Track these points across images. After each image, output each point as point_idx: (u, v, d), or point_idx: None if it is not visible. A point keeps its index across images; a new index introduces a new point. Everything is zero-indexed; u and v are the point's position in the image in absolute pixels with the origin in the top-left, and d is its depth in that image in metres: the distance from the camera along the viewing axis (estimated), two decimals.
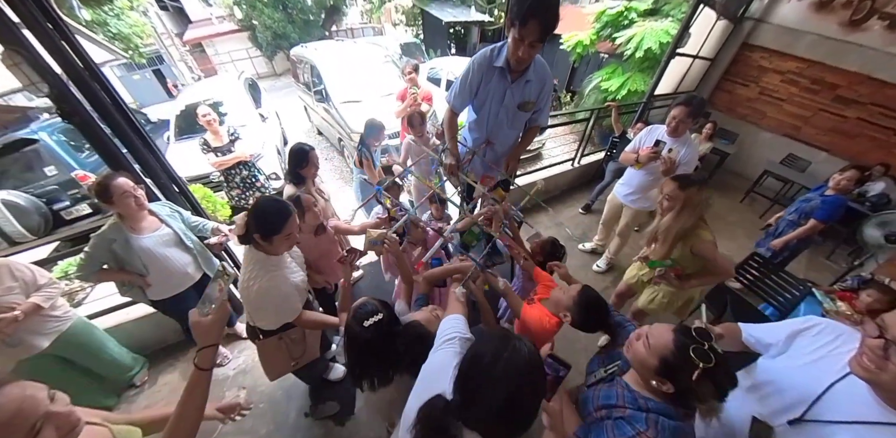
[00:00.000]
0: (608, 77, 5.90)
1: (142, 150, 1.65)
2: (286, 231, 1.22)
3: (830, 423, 0.80)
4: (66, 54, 1.32)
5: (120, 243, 1.55)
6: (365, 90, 4.95)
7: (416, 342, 0.98)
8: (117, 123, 1.53)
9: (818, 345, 0.90)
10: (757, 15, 4.76)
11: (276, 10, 11.88)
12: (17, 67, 1.21)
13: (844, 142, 4.49)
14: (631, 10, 5.44)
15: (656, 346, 0.84)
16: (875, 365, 0.72)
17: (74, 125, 1.44)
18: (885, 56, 3.93)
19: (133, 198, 1.52)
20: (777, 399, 0.91)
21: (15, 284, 1.49)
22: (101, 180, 1.47)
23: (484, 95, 1.70)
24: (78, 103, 1.40)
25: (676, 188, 1.53)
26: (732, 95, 5.39)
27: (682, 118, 2.08)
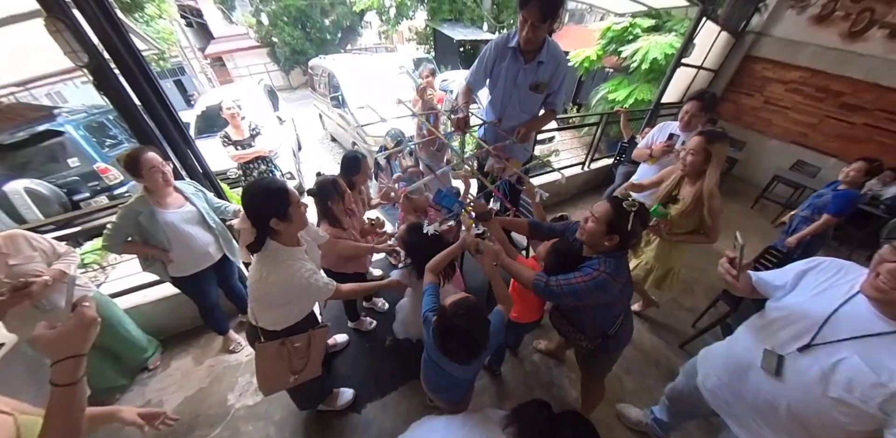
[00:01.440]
0: (615, 88, 6.05)
1: (170, 127, 1.71)
2: (294, 199, 1.14)
3: (836, 342, 0.87)
4: (106, 28, 1.40)
5: (146, 216, 1.59)
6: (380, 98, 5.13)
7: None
8: (148, 99, 1.60)
9: (822, 279, 0.98)
10: (758, 29, 4.92)
11: (296, 29, 12.55)
12: (59, 33, 1.28)
13: (853, 147, 4.50)
14: (635, 25, 5.65)
15: (601, 215, 1.16)
16: (890, 286, 0.79)
17: (109, 99, 1.51)
18: (888, 63, 4.02)
19: (161, 173, 1.57)
20: (786, 331, 0.97)
21: (35, 253, 1.53)
22: (132, 152, 1.53)
23: (498, 73, 1.78)
24: (114, 77, 1.48)
25: (703, 142, 1.56)
26: (738, 105, 5.48)
27: (695, 112, 2.16)
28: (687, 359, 2.21)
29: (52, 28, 1.26)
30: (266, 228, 1.13)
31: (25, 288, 1.42)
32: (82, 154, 3.95)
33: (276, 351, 1.32)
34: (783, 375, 0.94)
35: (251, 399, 1.90)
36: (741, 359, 1.07)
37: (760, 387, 1.00)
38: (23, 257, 1.48)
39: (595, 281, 1.12)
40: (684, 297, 2.83)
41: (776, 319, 1.02)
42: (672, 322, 2.56)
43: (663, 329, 2.50)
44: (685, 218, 1.71)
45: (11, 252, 1.46)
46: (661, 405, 1.64)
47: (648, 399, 2.00)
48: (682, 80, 4.89)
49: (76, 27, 1.31)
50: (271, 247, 1.19)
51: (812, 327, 0.91)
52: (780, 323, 1.00)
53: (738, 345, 1.12)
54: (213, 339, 2.24)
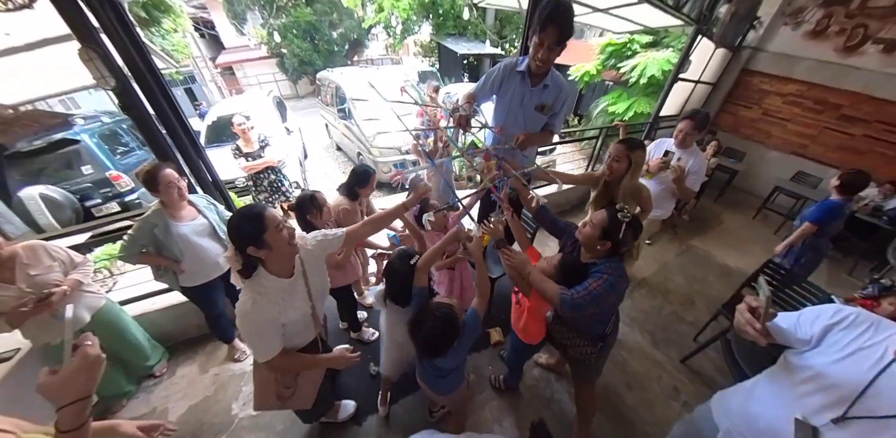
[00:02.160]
0: (614, 101, 6.17)
1: (187, 145, 1.80)
2: (270, 224, 1.05)
3: (879, 419, 0.77)
4: (133, 56, 1.52)
5: (161, 229, 1.66)
6: (385, 111, 5.27)
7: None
8: (168, 120, 1.70)
9: (851, 337, 0.87)
10: (754, 44, 5.02)
11: (305, 41, 12.95)
12: (91, 62, 1.39)
13: (854, 158, 4.53)
14: (634, 42, 5.79)
15: (597, 222, 1.28)
16: None
17: (132, 118, 1.61)
18: (884, 76, 4.08)
19: (176, 188, 1.65)
20: (816, 397, 0.87)
21: (54, 263, 1.59)
22: (150, 169, 1.61)
23: (505, 93, 1.87)
24: (137, 99, 1.57)
25: (625, 149, 1.75)
26: (736, 117, 5.55)
27: (688, 131, 2.26)
28: (687, 374, 2.24)
29: (85, 57, 1.36)
30: (247, 255, 1.08)
31: (47, 299, 1.48)
32: (96, 162, 4.09)
33: (266, 375, 1.30)
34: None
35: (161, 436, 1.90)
36: (769, 425, 0.95)
37: None
38: (43, 267, 1.55)
39: (608, 283, 1.22)
40: (685, 310, 2.84)
41: (802, 380, 0.91)
42: (673, 337, 2.56)
43: (664, 344, 2.49)
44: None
45: (33, 263, 1.52)
46: None
47: (649, 415, 2.01)
48: (681, 93, 4.98)
49: (106, 55, 1.41)
50: (260, 273, 1.13)
51: (846, 396, 0.82)
52: (807, 387, 0.90)
53: (763, 404, 1.00)
54: (219, 347, 2.28)
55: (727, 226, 4.36)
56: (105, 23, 1.42)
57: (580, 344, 1.45)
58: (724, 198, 5.00)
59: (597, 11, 3.79)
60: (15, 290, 1.45)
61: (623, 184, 1.82)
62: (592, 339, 1.44)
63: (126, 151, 4.59)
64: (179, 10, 6.93)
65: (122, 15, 1.48)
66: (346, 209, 1.93)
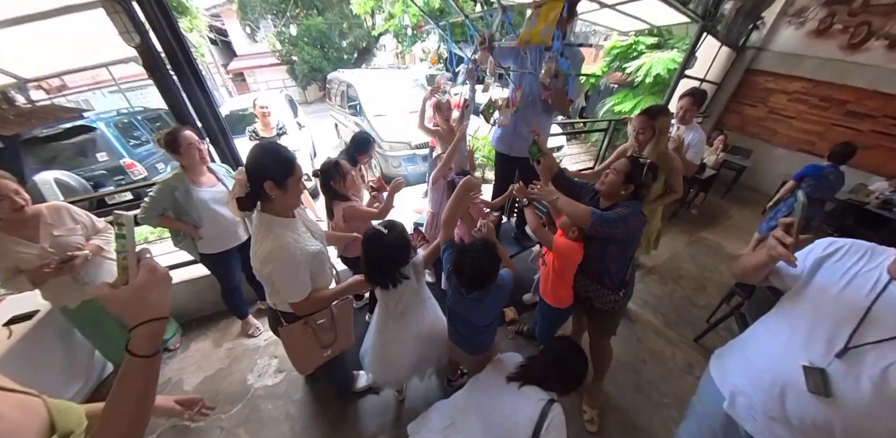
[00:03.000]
0: (620, 101, 6.25)
1: (206, 109, 1.85)
2: (297, 173, 1.10)
3: (880, 343, 0.76)
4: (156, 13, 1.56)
5: (181, 192, 1.68)
6: (394, 107, 5.37)
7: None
8: (188, 81, 1.74)
9: (847, 266, 0.86)
10: (757, 44, 5.10)
11: (315, 48, 13.32)
12: (116, 14, 1.45)
13: (863, 154, 4.47)
14: (639, 43, 5.91)
15: (620, 169, 1.36)
16: None
17: (153, 79, 1.66)
18: (890, 72, 4.10)
19: (197, 150, 1.69)
20: (818, 336, 0.84)
21: (77, 225, 1.61)
22: (171, 131, 1.65)
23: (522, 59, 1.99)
24: (160, 59, 1.62)
25: (647, 119, 1.77)
26: (742, 116, 5.59)
27: (688, 107, 2.36)
28: (701, 352, 2.21)
29: (110, 9, 1.41)
30: (259, 188, 1.06)
31: (70, 261, 1.49)
32: (111, 149, 4.19)
33: (301, 332, 1.29)
34: (834, 393, 0.80)
35: (270, 380, 1.93)
36: (776, 378, 0.90)
37: (806, 409, 0.84)
38: (66, 228, 1.57)
39: (632, 209, 1.34)
40: (698, 295, 2.82)
41: (802, 322, 0.88)
42: (686, 318, 2.55)
43: (678, 324, 2.48)
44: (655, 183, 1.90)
45: (56, 223, 1.55)
46: None
47: (665, 387, 2.00)
48: None
49: (130, 10, 1.46)
50: (265, 219, 1.13)
51: (845, 327, 0.80)
52: (806, 327, 0.87)
53: (767, 358, 0.94)
54: (232, 324, 2.28)
55: (736, 221, 4.34)
56: None
57: (605, 294, 1.50)
58: (732, 195, 5.00)
59: (604, 7, 3.88)
60: (38, 249, 1.47)
61: (648, 151, 1.83)
62: (615, 287, 1.49)
63: (139, 143, 4.69)
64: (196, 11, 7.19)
65: None
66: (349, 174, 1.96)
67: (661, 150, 1.82)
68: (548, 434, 0.97)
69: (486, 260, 1.17)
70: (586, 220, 1.32)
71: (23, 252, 1.43)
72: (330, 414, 1.77)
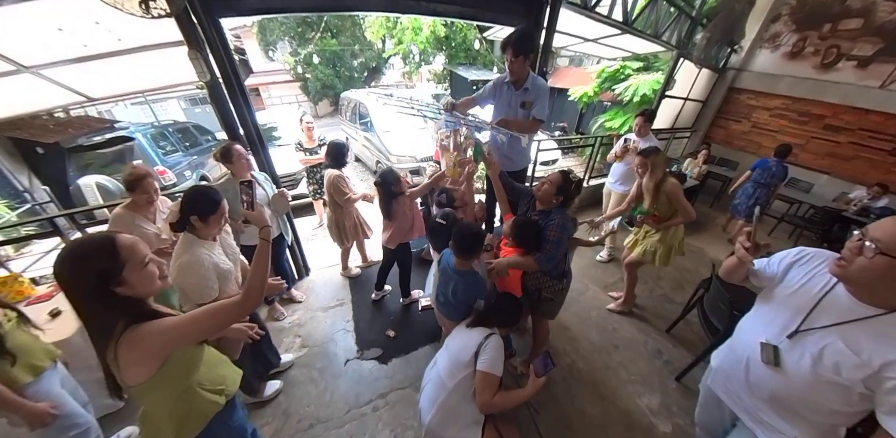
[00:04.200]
0: (611, 118, 6.68)
1: (251, 128, 2.28)
2: (220, 212, 1.45)
3: (821, 329, 0.93)
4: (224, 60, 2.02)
5: (232, 193, 2.06)
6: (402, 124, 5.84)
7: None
8: (240, 107, 2.18)
9: (808, 270, 1.03)
10: (737, 66, 5.50)
11: (328, 67, 14.24)
12: (196, 60, 1.90)
13: (842, 164, 4.81)
14: (626, 67, 6.39)
15: (553, 181, 1.70)
16: (846, 261, 0.86)
17: (215, 105, 2.10)
18: (861, 89, 4.44)
19: (245, 160, 2.10)
20: (778, 321, 1.04)
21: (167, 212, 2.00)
22: (226, 145, 2.06)
23: (499, 98, 2.38)
24: (221, 92, 2.07)
25: (642, 158, 2.28)
26: (728, 130, 5.93)
27: (641, 124, 3.11)
28: (671, 341, 2.54)
29: (193, 57, 1.86)
30: (186, 219, 1.41)
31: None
32: (146, 157, 4.66)
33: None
34: (782, 365, 1.00)
35: (296, 353, 2.29)
36: (743, 353, 1.12)
37: (764, 378, 1.05)
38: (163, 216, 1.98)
39: (560, 225, 1.67)
40: (674, 293, 3.09)
41: (768, 311, 1.09)
42: (661, 312, 2.82)
43: (653, 318, 2.76)
44: (661, 206, 2.28)
45: (164, 209, 2.01)
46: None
47: (633, 367, 2.28)
48: (671, 109, 5.44)
49: (205, 57, 1.92)
50: (189, 238, 1.45)
51: (798, 315, 0.98)
52: (771, 315, 1.07)
53: (741, 338, 1.17)
54: (261, 309, 2.62)
55: (720, 229, 4.60)
56: (208, 35, 1.93)
57: (552, 283, 1.83)
58: (720, 204, 5.27)
59: (587, 41, 4.35)
60: (155, 227, 1.90)
61: (644, 182, 2.34)
62: (559, 277, 1.84)
63: (171, 151, 5.20)
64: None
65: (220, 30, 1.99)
66: (338, 176, 2.60)
67: (657, 177, 2.25)
68: (485, 350, 1.40)
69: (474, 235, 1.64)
70: (535, 267, 1.70)
71: (144, 228, 1.85)
72: (347, 378, 2.13)
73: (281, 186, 2.54)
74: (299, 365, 2.16)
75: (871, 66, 4.35)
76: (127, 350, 0.84)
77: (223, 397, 1.10)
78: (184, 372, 0.99)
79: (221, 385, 1.11)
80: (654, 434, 1.88)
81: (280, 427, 1.85)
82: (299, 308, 2.67)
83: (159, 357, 0.89)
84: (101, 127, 4.77)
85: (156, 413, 0.99)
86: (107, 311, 0.85)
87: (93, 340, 0.87)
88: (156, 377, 0.89)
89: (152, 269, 0.91)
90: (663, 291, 3.12)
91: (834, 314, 0.92)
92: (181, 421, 1.01)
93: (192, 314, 0.92)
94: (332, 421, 1.89)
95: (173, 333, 0.88)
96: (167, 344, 0.89)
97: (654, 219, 2.35)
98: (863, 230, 0.86)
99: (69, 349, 1.67)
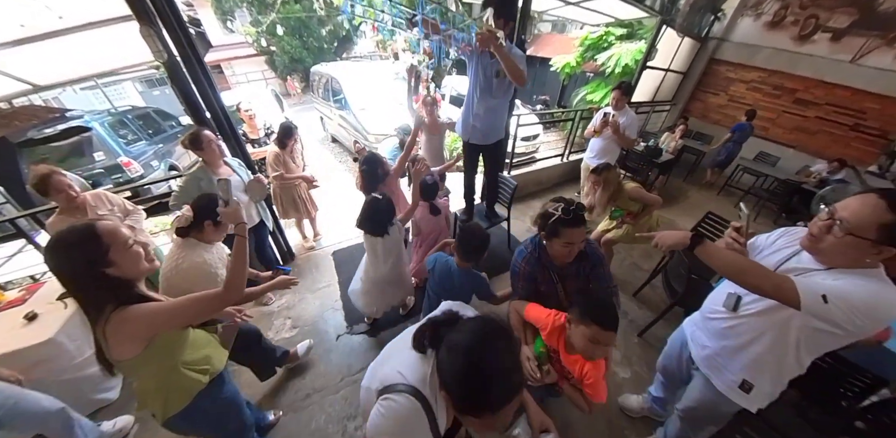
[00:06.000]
0: (593, 90, 6.61)
1: (218, 111, 2.12)
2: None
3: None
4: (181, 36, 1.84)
5: (206, 182, 1.99)
6: (379, 100, 5.60)
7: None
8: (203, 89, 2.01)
9: (786, 242, 1.17)
10: (719, 34, 5.47)
11: (294, 38, 13.11)
12: (150, 37, 1.72)
13: (807, 139, 5.03)
14: (609, 34, 6.21)
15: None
16: (817, 237, 0.98)
17: (176, 87, 1.94)
18: (832, 62, 4.55)
19: (217, 146, 1.99)
20: None
21: (113, 207, 1.95)
22: (195, 131, 1.94)
23: (475, 65, 2.33)
24: (181, 72, 1.90)
25: (594, 176, 2.34)
26: (705, 104, 6.01)
27: (619, 97, 3.09)
28: (636, 303, 2.73)
29: (146, 33, 1.69)
30: (200, 223, 1.47)
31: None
32: (107, 149, 4.34)
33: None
34: (738, 310, 1.17)
35: (287, 334, 2.37)
36: (713, 303, 1.28)
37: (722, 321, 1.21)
38: (105, 209, 1.90)
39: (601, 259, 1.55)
40: (643, 261, 3.27)
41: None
42: (630, 279, 3.01)
43: (622, 284, 2.94)
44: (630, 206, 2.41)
45: (98, 205, 1.90)
46: (655, 382, 1.83)
47: None
48: (652, 81, 5.40)
49: (160, 33, 1.74)
50: (191, 242, 1.50)
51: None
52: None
53: (714, 295, 1.33)
54: None
55: (693, 201, 4.80)
56: (159, 7, 1.74)
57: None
58: (693, 177, 5.45)
59: (569, 4, 4.17)
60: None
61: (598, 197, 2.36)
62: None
63: (132, 141, 4.83)
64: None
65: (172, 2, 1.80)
66: (275, 153, 2.79)
67: (609, 192, 2.31)
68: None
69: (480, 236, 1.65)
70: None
71: None
72: (340, 351, 2.25)
73: (256, 171, 2.45)
74: (291, 344, 2.22)
75: (845, 38, 4.43)
76: (114, 330, 0.92)
77: (207, 376, 1.18)
78: (168, 353, 1.07)
79: (206, 364, 1.20)
80: (615, 379, 2.11)
81: (278, 399, 1.98)
82: (287, 292, 2.70)
83: (143, 338, 0.97)
84: (51, 117, 4.34)
85: (145, 386, 1.11)
86: (98, 291, 0.93)
87: (89, 318, 0.95)
88: (141, 356, 0.98)
89: (137, 249, 0.99)
90: (633, 260, 3.30)
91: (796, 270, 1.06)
92: (167, 395, 1.12)
93: (176, 301, 1.01)
94: (328, 389, 2.03)
95: (157, 318, 0.97)
96: (150, 327, 0.97)
97: (629, 217, 2.48)
98: (831, 209, 0.95)
99: (53, 350, 1.65)
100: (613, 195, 2.33)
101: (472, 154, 2.80)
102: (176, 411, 1.13)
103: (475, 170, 2.98)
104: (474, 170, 2.98)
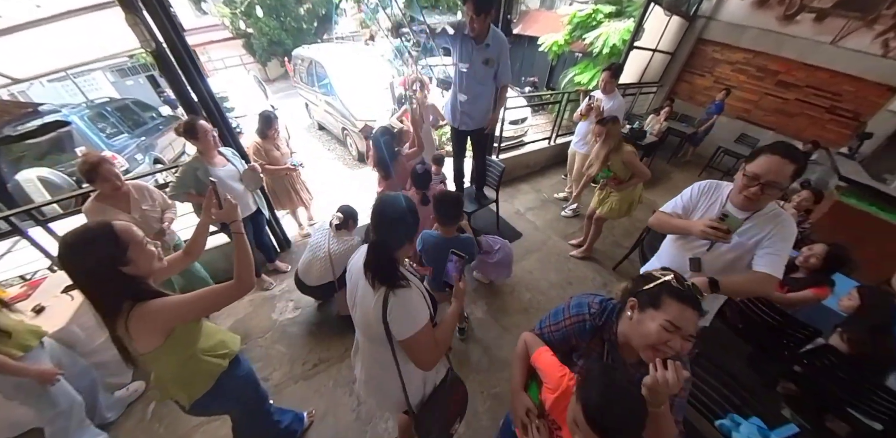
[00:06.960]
0: (581, 71, 6.59)
1: (208, 101, 2.13)
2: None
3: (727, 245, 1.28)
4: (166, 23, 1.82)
5: (201, 172, 2.02)
6: (365, 84, 5.50)
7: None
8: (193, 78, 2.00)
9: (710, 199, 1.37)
10: (707, 13, 5.46)
11: (271, 18, 12.44)
12: (136, 26, 1.69)
13: (787, 121, 5.17)
14: (597, 11, 6.13)
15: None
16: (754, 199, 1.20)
17: (166, 78, 1.93)
18: (814, 44, 4.61)
19: (212, 136, 2.01)
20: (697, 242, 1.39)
21: (155, 201, 1.96)
22: (190, 120, 1.95)
23: (460, 51, 2.32)
24: (169, 60, 1.88)
25: (599, 127, 2.45)
26: (692, 85, 6.07)
27: (608, 79, 3.10)
28: (616, 277, 2.93)
29: (131, 22, 1.66)
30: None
31: (163, 232, 1.91)
32: (89, 143, 4.21)
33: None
34: (702, 270, 1.37)
35: (291, 314, 2.51)
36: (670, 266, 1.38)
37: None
38: (148, 203, 1.92)
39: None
40: (624, 239, 3.47)
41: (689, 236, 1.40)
42: (611, 255, 3.21)
43: (603, 259, 3.16)
44: (620, 170, 2.49)
45: (142, 198, 1.90)
46: None
47: None
48: (639, 62, 5.41)
49: (146, 22, 1.72)
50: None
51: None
52: (690, 237, 1.40)
53: (667, 258, 1.49)
54: None
55: (675, 182, 4.95)
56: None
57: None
58: (677, 160, 5.60)
59: None
60: (130, 218, 1.79)
61: (596, 149, 2.51)
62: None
63: (113, 134, 4.69)
64: None
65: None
66: (256, 144, 2.77)
67: (609, 146, 2.42)
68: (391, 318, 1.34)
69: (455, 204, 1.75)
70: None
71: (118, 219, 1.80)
72: (342, 326, 2.37)
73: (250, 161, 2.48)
74: (295, 323, 2.39)
75: (827, 19, 4.48)
76: (137, 323, 0.97)
77: (226, 360, 1.27)
78: (186, 342, 1.13)
79: (224, 349, 1.27)
80: None
81: (288, 370, 2.13)
82: (286, 277, 2.79)
83: (165, 330, 1.03)
84: (24, 112, 4.15)
85: (164, 376, 1.17)
86: (115, 289, 0.96)
87: (102, 316, 0.98)
88: (163, 347, 1.03)
89: (151, 249, 1.04)
90: (615, 237, 3.50)
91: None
92: (190, 380, 1.19)
93: (194, 294, 1.06)
94: (333, 359, 2.19)
95: (178, 310, 1.03)
96: (172, 319, 1.03)
97: (614, 181, 2.58)
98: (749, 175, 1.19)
99: (67, 338, 1.73)
100: (612, 150, 2.42)
101: (460, 139, 2.86)
102: (200, 395, 1.20)
103: (463, 155, 3.06)
104: (462, 155, 3.06)
